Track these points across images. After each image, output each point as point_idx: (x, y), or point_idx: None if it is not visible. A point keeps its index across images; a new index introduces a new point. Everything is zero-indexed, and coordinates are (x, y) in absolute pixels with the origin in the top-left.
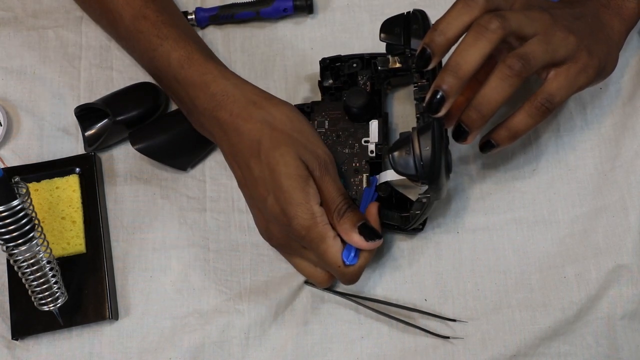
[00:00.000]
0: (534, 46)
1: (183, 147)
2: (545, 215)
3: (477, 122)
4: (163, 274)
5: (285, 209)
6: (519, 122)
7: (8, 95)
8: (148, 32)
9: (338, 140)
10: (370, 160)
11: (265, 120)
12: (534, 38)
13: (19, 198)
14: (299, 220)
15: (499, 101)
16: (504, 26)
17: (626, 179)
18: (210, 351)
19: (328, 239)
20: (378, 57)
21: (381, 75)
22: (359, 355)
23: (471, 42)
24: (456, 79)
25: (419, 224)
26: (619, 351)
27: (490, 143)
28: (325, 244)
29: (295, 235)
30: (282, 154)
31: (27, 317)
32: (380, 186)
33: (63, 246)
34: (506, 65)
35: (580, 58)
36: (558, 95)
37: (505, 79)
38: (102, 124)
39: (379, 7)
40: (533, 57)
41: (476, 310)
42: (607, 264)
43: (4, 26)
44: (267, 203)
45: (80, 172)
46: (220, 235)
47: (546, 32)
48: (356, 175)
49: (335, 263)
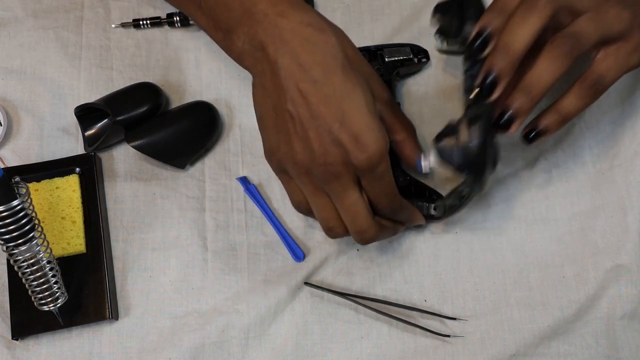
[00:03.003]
0: (584, 23)
1: (180, 145)
2: (543, 214)
3: (525, 107)
4: (162, 274)
5: (364, 133)
6: (569, 105)
7: (8, 95)
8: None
9: None
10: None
11: (339, 39)
12: (585, 15)
13: (19, 198)
14: (376, 148)
15: (549, 82)
16: (553, 1)
17: (625, 178)
18: (210, 351)
19: (391, 173)
20: (385, 49)
21: (389, 66)
22: (359, 355)
23: (521, 19)
24: (508, 59)
25: (439, 212)
26: (619, 351)
27: (538, 130)
28: (390, 174)
29: (362, 164)
30: (368, 78)
31: (27, 317)
32: (398, 175)
33: (63, 246)
34: (556, 45)
35: (633, 36)
36: (608, 76)
37: (556, 59)
38: (102, 124)
39: (379, 7)
40: (584, 35)
41: (475, 310)
42: (606, 263)
43: (4, 26)
44: (335, 125)
45: (80, 172)
46: (219, 234)
47: (598, 8)
48: None
49: (393, 192)
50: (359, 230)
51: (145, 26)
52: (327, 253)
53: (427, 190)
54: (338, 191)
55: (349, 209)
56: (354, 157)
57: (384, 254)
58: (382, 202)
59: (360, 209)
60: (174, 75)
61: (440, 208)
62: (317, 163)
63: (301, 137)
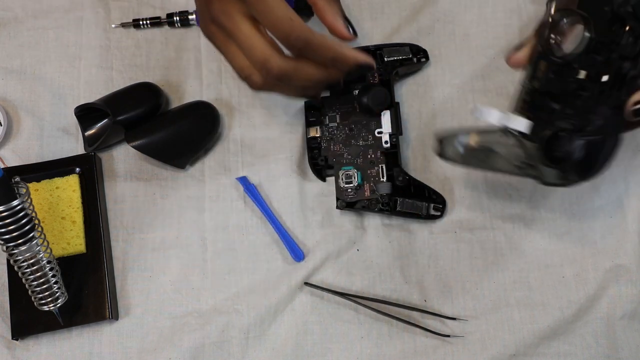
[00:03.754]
0: None
1: (180, 145)
2: (543, 213)
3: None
4: (162, 274)
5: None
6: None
7: (8, 95)
8: None
9: (351, 134)
10: (386, 150)
11: None
12: None
13: (19, 198)
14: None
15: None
16: None
17: (624, 178)
18: (210, 351)
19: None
20: (384, 48)
21: (388, 66)
22: (359, 355)
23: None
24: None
25: (438, 212)
26: (619, 351)
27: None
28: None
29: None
30: None
31: (27, 317)
32: (398, 174)
33: (63, 246)
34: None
35: None
36: None
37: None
38: (102, 124)
39: (379, 6)
40: None
41: (475, 310)
42: (606, 263)
43: (4, 26)
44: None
45: (80, 172)
46: (219, 234)
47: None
48: (372, 167)
49: (283, 17)
50: (260, 62)
51: (145, 26)
52: (327, 253)
53: (427, 189)
54: (231, 29)
55: (244, 42)
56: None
57: (384, 254)
58: (280, 31)
59: (255, 40)
60: (174, 75)
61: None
62: (209, 9)
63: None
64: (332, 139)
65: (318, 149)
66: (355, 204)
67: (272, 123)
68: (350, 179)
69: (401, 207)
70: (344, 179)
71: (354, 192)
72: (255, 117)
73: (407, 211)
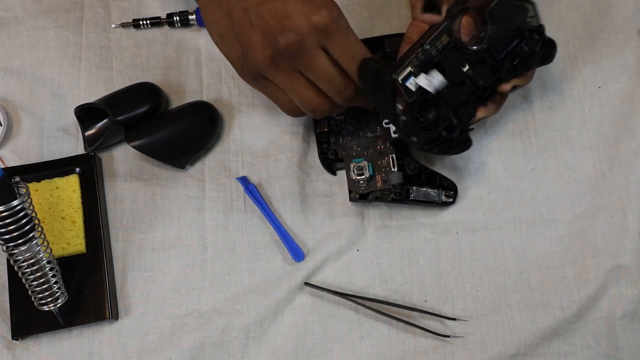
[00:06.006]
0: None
1: (180, 145)
2: (544, 214)
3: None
4: (162, 274)
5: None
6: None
7: (8, 95)
8: None
9: (359, 126)
10: (394, 140)
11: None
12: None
13: (19, 198)
14: (329, 2)
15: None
16: None
17: (625, 178)
18: (210, 351)
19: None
20: (386, 39)
21: (390, 57)
22: (359, 355)
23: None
24: None
25: (450, 198)
26: (619, 351)
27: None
28: (352, 33)
29: (322, 19)
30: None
31: (27, 317)
32: (409, 163)
33: (63, 246)
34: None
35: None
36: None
37: None
38: (102, 124)
39: (378, 6)
40: None
41: (476, 311)
42: (606, 263)
43: (4, 26)
44: (278, 2)
45: (80, 172)
46: (219, 234)
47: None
48: (382, 158)
49: (360, 53)
50: (339, 90)
51: (145, 26)
52: (327, 253)
53: (439, 177)
54: (307, 62)
55: (323, 74)
56: (311, 17)
57: (384, 254)
58: (353, 63)
59: (333, 71)
60: (174, 75)
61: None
62: (278, 42)
63: (257, 27)
64: (341, 132)
65: (327, 143)
66: (368, 195)
67: (272, 123)
68: (362, 170)
69: (415, 195)
70: (355, 171)
71: (366, 183)
72: (256, 117)
73: (420, 199)
